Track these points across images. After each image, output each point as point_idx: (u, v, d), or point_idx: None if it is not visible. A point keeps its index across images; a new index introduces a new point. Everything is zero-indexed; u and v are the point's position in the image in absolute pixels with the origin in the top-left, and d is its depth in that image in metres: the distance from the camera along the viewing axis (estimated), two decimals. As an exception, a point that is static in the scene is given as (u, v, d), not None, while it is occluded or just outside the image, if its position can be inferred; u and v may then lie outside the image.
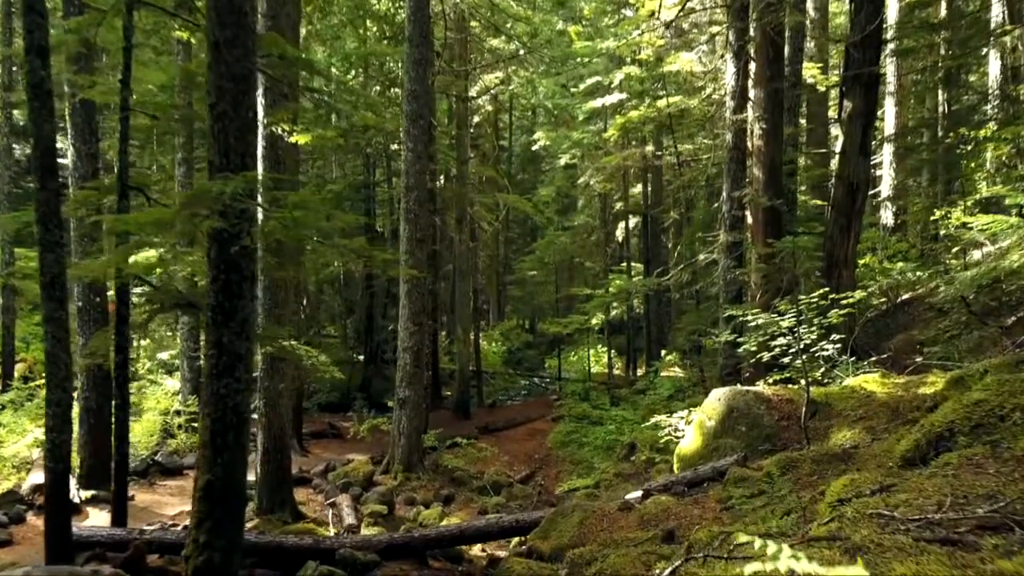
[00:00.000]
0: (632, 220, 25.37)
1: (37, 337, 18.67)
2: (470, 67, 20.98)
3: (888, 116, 18.55)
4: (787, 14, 11.76)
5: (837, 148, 12.10)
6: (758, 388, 8.34)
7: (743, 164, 12.75)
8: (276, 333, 9.09)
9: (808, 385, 7.09)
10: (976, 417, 4.30)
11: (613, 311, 22.65)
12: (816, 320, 7.38)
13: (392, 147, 22.09)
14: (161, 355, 19.45)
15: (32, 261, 12.96)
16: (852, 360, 8.84)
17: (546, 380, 26.57)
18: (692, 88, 19.03)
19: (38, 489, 10.38)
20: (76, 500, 10.49)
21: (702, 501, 6.22)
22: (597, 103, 20.59)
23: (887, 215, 18.91)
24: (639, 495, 7.09)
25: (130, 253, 5.67)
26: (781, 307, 7.40)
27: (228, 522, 5.59)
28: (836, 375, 8.59)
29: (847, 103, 11.07)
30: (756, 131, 11.96)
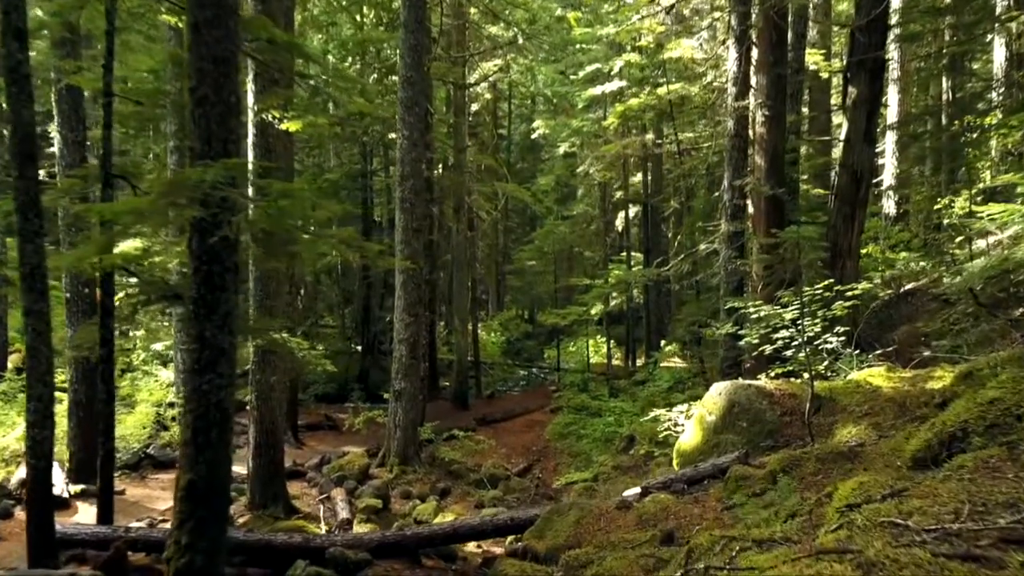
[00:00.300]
0: (632, 209, 25.12)
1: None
2: (468, 54, 20.67)
3: (891, 104, 18.28)
4: (791, -3, 11.49)
5: (840, 136, 11.85)
6: (760, 382, 8.14)
7: (745, 152, 12.49)
8: (267, 325, 8.87)
9: (812, 379, 6.88)
10: (991, 416, 4.09)
11: (612, 302, 22.44)
12: (820, 312, 7.18)
13: (389, 136, 21.81)
14: (155, 346, 19.23)
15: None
16: (856, 353, 8.63)
17: (545, 370, 26.39)
18: (693, 75, 18.73)
19: (26, 483, 10.18)
20: (65, 495, 10.34)
21: (702, 500, 6.02)
22: (597, 91, 20.30)
23: (889, 204, 18.68)
24: (637, 492, 6.89)
25: (110, 243, 5.46)
26: (784, 299, 7.19)
27: (211, 523, 5.39)
28: (840, 368, 8.38)
29: (851, 89, 10.81)
30: (758, 118, 11.69)
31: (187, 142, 5.61)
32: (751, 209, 11.91)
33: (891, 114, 18.36)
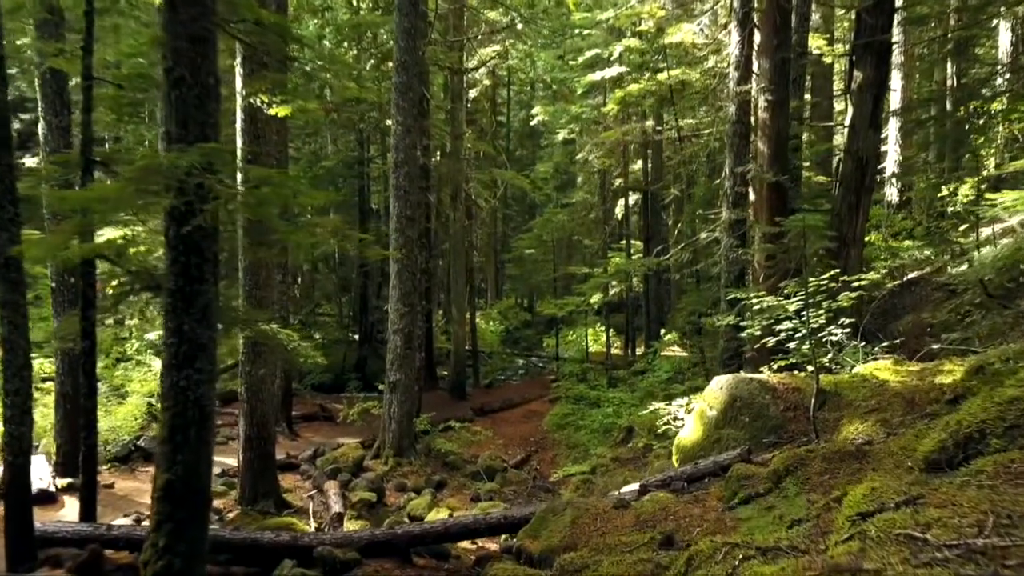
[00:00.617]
0: (632, 197, 24.81)
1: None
2: (464, 38, 20.32)
3: (894, 90, 17.96)
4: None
5: (845, 121, 11.56)
6: (762, 376, 7.89)
7: (747, 138, 12.20)
8: (256, 316, 8.61)
9: (818, 373, 6.64)
10: (1011, 417, 3.85)
11: (612, 291, 22.18)
12: (825, 303, 6.93)
13: (386, 122, 21.46)
14: (150, 335, 18.98)
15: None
16: (862, 345, 8.38)
17: (544, 359, 26.18)
18: (693, 60, 18.38)
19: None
20: (52, 488, 10.12)
21: (703, 499, 5.79)
22: (596, 76, 19.95)
23: (892, 192, 18.40)
24: (635, 490, 6.67)
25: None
26: (788, 289, 6.94)
27: (190, 524, 5.16)
28: (844, 361, 8.14)
29: (857, 73, 10.53)
30: (761, 103, 11.38)
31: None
32: (753, 197, 11.62)
33: (894, 100, 18.04)
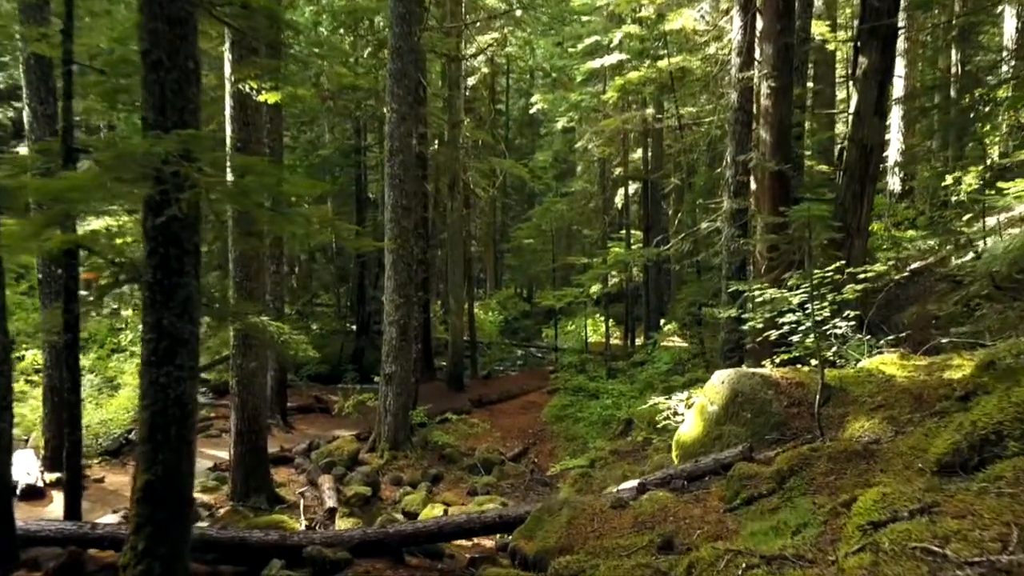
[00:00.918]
0: (632, 186, 24.54)
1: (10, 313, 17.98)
2: (462, 24, 20.00)
3: (898, 77, 17.68)
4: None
5: (849, 109, 11.32)
6: (765, 370, 7.68)
7: (749, 126, 11.94)
8: (245, 309, 8.40)
9: (823, 367, 6.43)
10: (1030, 419, 3.65)
11: (611, 281, 21.96)
12: (830, 296, 6.71)
13: (383, 110, 21.20)
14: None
15: None
16: (867, 338, 8.17)
17: (543, 350, 25.98)
18: (694, 47, 18.09)
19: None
20: (40, 484, 9.96)
21: (704, 499, 5.60)
22: (596, 64, 19.65)
23: (895, 181, 18.15)
24: (634, 488, 6.48)
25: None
26: (792, 281, 6.73)
27: (171, 526, 4.97)
28: (848, 355, 7.93)
29: (862, 59, 10.26)
30: (764, 90, 11.12)
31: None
32: (755, 186, 11.38)
33: (897, 87, 17.77)
